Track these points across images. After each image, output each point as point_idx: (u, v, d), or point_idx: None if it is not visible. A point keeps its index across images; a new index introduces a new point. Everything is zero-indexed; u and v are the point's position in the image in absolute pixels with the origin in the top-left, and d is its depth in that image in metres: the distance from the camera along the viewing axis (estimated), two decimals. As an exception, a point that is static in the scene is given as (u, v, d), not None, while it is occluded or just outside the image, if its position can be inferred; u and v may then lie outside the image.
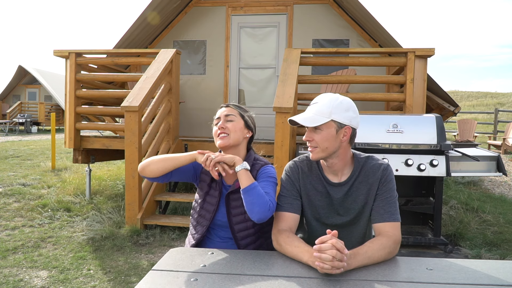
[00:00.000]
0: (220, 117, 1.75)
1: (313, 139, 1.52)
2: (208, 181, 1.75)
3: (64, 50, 5.12)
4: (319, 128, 1.50)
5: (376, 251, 1.38)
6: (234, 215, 1.69)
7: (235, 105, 1.80)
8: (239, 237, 1.69)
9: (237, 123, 1.73)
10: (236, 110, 1.76)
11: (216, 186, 1.74)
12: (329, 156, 1.54)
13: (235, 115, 1.74)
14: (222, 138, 1.70)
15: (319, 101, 1.53)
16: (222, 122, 1.72)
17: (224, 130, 1.70)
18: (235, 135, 1.71)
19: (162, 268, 1.33)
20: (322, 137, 1.50)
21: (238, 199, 1.66)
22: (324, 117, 1.48)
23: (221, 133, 1.70)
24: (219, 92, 6.49)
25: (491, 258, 3.57)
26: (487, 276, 1.27)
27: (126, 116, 4.11)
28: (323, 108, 1.50)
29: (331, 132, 1.50)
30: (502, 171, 3.69)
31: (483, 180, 6.85)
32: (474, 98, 25.53)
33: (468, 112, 17.34)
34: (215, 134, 1.73)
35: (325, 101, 1.52)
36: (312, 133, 1.52)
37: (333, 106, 1.49)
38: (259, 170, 1.71)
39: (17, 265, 3.30)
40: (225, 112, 1.75)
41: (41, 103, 19.54)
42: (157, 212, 4.61)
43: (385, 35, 5.25)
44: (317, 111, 1.51)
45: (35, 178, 6.32)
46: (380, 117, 3.74)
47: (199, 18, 6.53)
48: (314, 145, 1.53)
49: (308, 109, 1.55)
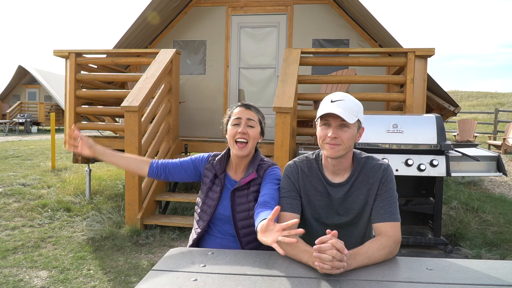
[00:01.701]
0: (241, 118, 1.70)
1: (339, 136, 1.48)
2: (211, 177, 1.77)
3: (64, 50, 5.12)
4: (348, 126, 1.48)
5: (376, 251, 1.38)
6: (239, 211, 1.70)
7: (255, 108, 1.75)
8: (242, 233, 1.70)
9: (256, 130, 1.71)
10: (257, 116, 1.73)
11: (219, 182, 1.75)
12: (345, 155, 1.53)
13: (255, 121, 1.71)
14: (241, 148, 1.68)
15: (344, 98, 1.49)
16: (243, 127, 1.68)
17: (245, 136, 1.67)
18: (253, 143, 1.71)
19: (162, 268, 1.33)
20: (348, 136, 1.49)
21: (244, 196, 1.69)
22: (354, 116, 1.47)
23: (241, 139, 1.67)
24: (219, 92, 6.49)
25: (491, 258, 3.57)
26: (487, 276, 1.27)
27: (126, 116, 4.11)
28: (352, 106, 1.48)
29: (355, 132, 1.51)
30: (502, 171, 3.69)
31: (483, 180, 6.85)
32: (474, 98, 25.53)
33: (468, 112, 17.34)
34: (233, 136, 1.68)
35: (351, 99, 1.50)
36: (339, 131, 1.48)
37: (358, 105, 1.51)
38: (266, 171, 1.73)
39: (17, 265, 3.30)
40: (248, 116, 1.70)
41: (41, 103, 19.55)
42: (157, 212, 4.60)
43: (385, 35, 5.25)
44: (348, 108, 1.47)
45: (35, 178, 6.32)
46: (380, 117, 3.74)
47: (199, 18, 6.53)
48: (338, 142, 1.48)
49: (335, 105, 1.47)
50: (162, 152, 4.79)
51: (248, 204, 1.70)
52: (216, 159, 1.79)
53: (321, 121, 1.51)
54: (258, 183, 1.72)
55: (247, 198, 1.71)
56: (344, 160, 1.56)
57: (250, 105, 1.74)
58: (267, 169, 1.73)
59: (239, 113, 1.71)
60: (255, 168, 1.73)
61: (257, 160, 1.75)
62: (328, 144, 1.50)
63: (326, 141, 1.50)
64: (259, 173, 1.73)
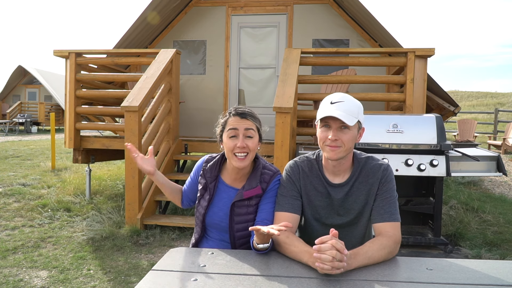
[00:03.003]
0: (238, 129, 1.58)
1: (340, 138, 1.48)
2: (203, 184, 1.73)
3: (64, 50, 5.12)
4: (348, 128, 1.48)
5: (376, 251, 1.38)
6: (237, 222, 1.65)
7: (251, 115, 1.62)
8: (238, 243, 1.68)
9: (255, 139, 1.61)
10: (254, 124, 1.62)
11: (209, 190, 1.70)
12: (345, 156, 1.53)
13: (254, 130, 1.61)
14: (241, 160, 1.58)
15: (344, 100, 1.48)
16: (241, 140, 1.57)
17: (245, 149, 1.57)
18: (253, 154, 1.61)
19: (162, 268, 1.33)
20: (349, 137, 1.48)
21: (244, 207, 1.64)
22: (354, 117, 1.47)
23: (241, 153, 1.58)
24: (219, 92, 6.50)
25: (491, 258, 3.57)
26: (487, 276, 1.27)
27: (126, 116, 4.11)
28: (352, 107, 1.48)
29: (355, 133, 1.50)
30: (502, 171, 3.69)
31: (483, 180, 6.85)
32: (474, 98, 25.52)
33: (468, 112, 17.34)
34: (231, 149, 1.58)
35: (351, 100, 1.50)
36: (339, 133, 1.48)
37: (358, 107, 1.50)
38: (270, 184, 1.65)
39: (17, 265, 3.30)
40: (245, 126, 1.59)
41: (41, 103, 19.55)
42: (157, 212, 4.60)
43: (385, 35, 5.25)
44: (348, 110, 1.46)
45: (35, 178, 6.32)
46: (380, 117, 3.74)
47: (199, 18, 6.53)
48: (339, 144, 1.48)
49: (335, 107, 1.47)
50: (162, 152, 4.80)
51: (247, 215, 1.65)
52: (208, 166, 1.72)
53: (321, 123, 1.51)
54: (260, 195, 1.65)
55: (247, 210, 1.65)
56: (345, 161, 1.55)
57: (245, 113, 1.61)
58: (270, 181, 1.65)
59: (235, 123, 1.59)
60: (258, 179, 1.64)
61: (259, 169, 1.66)
62: (328, 146, 1.50)
63: (327, 143, 1.50)
64: (262, 185, 1.64)
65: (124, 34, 5.85)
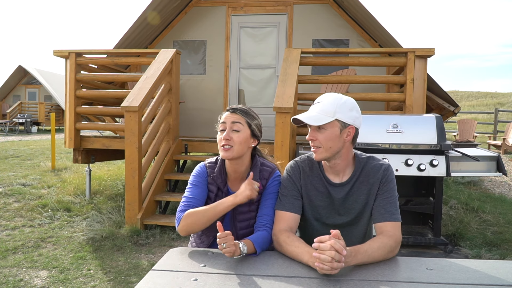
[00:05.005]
0: (225, 122, 1.63)
1: (317, 138, 1.50)
2: (215, 191, 1.70)
3: (64, 50, 5.12)
4: (323, 127, 1.49)
5: (376, 250, 1.38)
6: (240, 220, 1.67)
7: (243, 111, 1.65)
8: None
9: (243, 133, 1.61)
10: (243, 118, 1.63)
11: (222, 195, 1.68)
12: (332, 157, 1.53)
13: (242, 124, 1.62)
14: (226, 150, 1.60)
15: (323, 100, 1.52)
16: (227, 133, 1.60)
17: (229, 142, 1.59)
18: (240, 147, 1.61)
19: (162, 268, 1.33)
20: (325, 137, 1.49)
21: (245, 205, 1.64)
22: (329, 116, 1.47)
23: (226, 145, 1.60)
24: (219, 92, 6.50)
25: (491, 258, 3.57)
26: (487, 276, 1.27)
27: (126, 116, 4.11)
28: (328, 107, 1.49)
29: (335, 132, 1.49)
30: (502, 171, 3.69)
31: (483, 180, 6.85)
32: (474, 98, 25.53)
33: (468, 112, 17.35)
34: (219, 142, 1.63)
35: (330, 100, 1.50)
36: (315, 133, 1.51)
37: (338, 105, 1.49)
38: (269, 180, 1.66)
39: (17, 265, 3.30)
40: (232, 119, 1.62)
41: (41, 103, 19.56)
42: (157, 212, 4.60)
43: (385, 35, 5.25)
44: (322, 110, 1.49)
45: (35, 178, 6.32)
46: (380, 117, 3.74)
47: (199, 18, 6.53)
48: (317, 144, 1.51)
49: (312, 108, 1.53)
50: (162, 152, 4.80)
51: (250, 213, 1.67)
52: (215, 172, 1.70)
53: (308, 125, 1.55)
54: (261, 192, 1.66)
55: (249, 208, 1.66)
56: (339, 161, 1.55)
57: (236, 108, 1.64)
58: (269, 177, 1.67)
59: (225, 117, 1.64)
60: (257, 176, 1.66)
61: (257, 167, 1.68)
62: (312, 147, 1.54)
63: (310, 144, 1.54)
64: (262, 182, 1.66)
65: (124, 34, 5.85)
